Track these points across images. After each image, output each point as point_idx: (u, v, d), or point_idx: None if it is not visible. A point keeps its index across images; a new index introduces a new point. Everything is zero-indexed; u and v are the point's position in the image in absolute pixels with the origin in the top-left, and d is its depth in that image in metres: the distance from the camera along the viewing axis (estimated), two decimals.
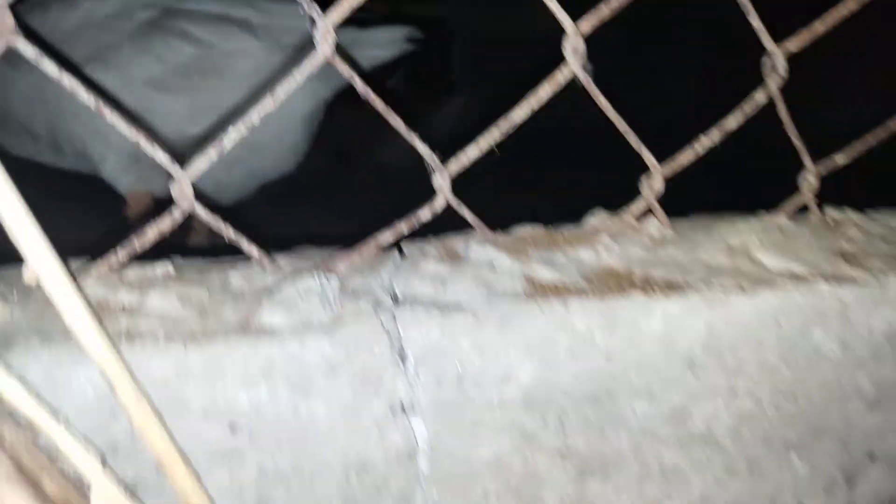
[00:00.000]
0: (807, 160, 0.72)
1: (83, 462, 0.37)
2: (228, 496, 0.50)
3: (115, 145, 1.72)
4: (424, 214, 0.59)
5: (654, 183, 0.65)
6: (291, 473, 0.52)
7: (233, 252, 0.61)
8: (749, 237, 0.68)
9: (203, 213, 0.52)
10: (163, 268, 0.54)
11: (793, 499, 0.70)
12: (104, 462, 0.39)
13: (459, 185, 0.60)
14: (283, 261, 0.59)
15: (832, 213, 0.79)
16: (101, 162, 1.77)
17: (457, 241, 0.64)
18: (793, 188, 0.75)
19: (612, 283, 0.59)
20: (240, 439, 0.49)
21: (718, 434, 0.64)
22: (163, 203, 0.64)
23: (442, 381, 0.54)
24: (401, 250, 0.64)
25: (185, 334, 0.47)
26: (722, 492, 0.66)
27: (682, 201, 0.78)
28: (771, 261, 0.65)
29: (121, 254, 0.51)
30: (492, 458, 0.57)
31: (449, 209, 0.63)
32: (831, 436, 0.69)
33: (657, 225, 0.69)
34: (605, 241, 0.66)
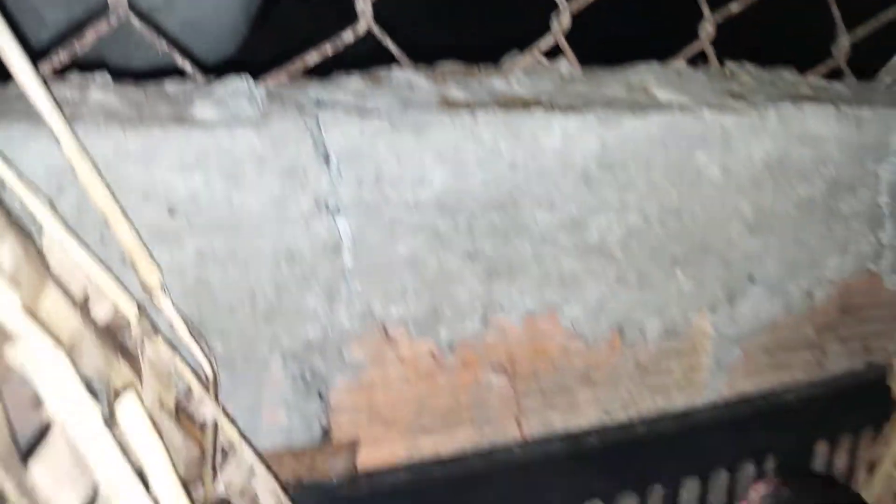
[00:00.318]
0: (705, 9, 0.79)
1: (33, 204, 0.43)
2: (170, 275, 0.56)
3: (50, 24, 1.69)
4: (347, 37, 0.64)
5: (562, 19, 0.71)
6: (227, 259, 0.58)
7: None
8: (647, 77, 0.76)
9: (136, 22, 0.56)
10: (102, 76, 0.59)
11: (679, 313, 0.80)
12: (52, 205, 0.45)
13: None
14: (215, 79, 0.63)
15: (731, 65, 0.86)
16: (35, 41, 1.73)
17: (380, 70, 0.69)
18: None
19: (519, 104, 0.66)
20: (178, 222, 0.55)
21: (611, 245, 0.72)
22: None
23: (362, 182, 0.60)
24: None
25: (124, 120, 0.52)
26: (615, 300, 0.76)
27: (593, 52, 0.84)
28: (663, 94, 0.73)
29: (62, 54, 0.55)
30: (409, 256, 0.65)
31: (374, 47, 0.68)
32: (714, 255, 0.79)
33: (567, 65, 0.76)
34: (517, 74, 0.72)
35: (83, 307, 0.44)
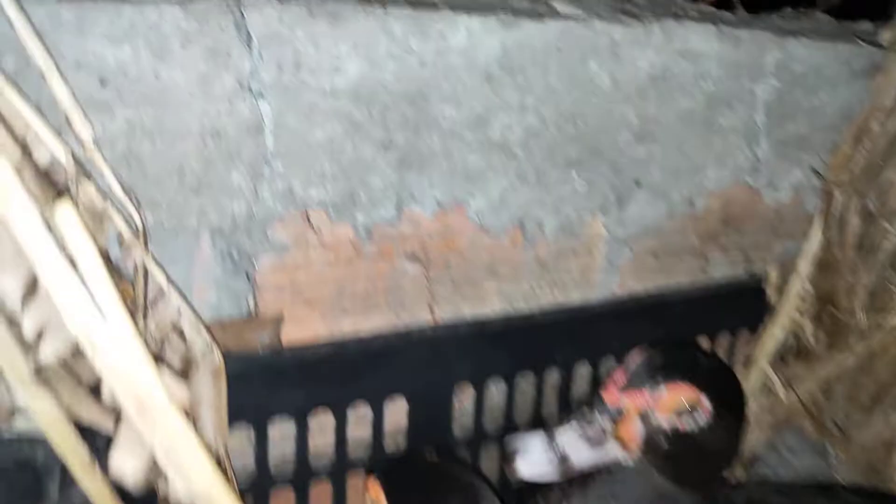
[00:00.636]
0: None
1: None
2: (101, 145, 0.61)
3: None
4: None
5: None
6: (155, 131, 0.64)
7: None
8: None
9: None
10: None
11: (574, 212, 0.90)
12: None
13: None
14: None
15: None
16: None
17: None
18: None
19: (428, 4, 0.73)
20: (109, 93, 0.60)
21: (512, 143, 0.80)
22: None
23: (282, 66, 0.66)
24: None
25: None
26: (515, 196, 0.84)
27: None
28: (561, 6, 0.80)
29: None
30: (326, 141, 0.71)
31: None
32: (605, 160, 0.88)
33: None
34: None
35: (24, 148, 0.49)
